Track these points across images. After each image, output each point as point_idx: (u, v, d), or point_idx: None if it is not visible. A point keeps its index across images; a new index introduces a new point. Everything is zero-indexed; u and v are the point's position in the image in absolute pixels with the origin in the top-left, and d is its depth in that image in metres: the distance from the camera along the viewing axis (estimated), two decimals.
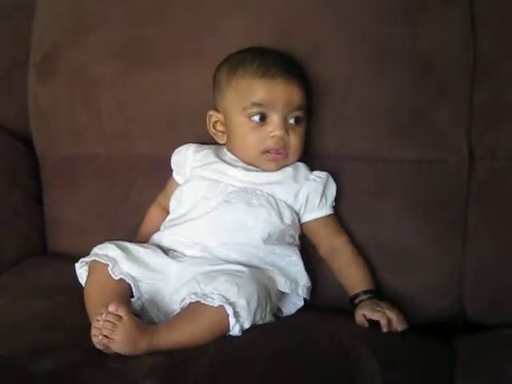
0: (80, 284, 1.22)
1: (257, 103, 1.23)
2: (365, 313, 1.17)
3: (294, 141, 1.25)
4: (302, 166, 1.29)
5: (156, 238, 1.27)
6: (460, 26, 1.29)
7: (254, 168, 1.27)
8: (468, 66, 1.29)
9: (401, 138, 1.31)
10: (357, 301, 1.21)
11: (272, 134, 1.23)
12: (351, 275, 1.25)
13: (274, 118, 1.23)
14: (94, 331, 1.06)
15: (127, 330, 1.05)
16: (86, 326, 1.09)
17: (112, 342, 1.04)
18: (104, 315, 1.05)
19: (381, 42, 1.30)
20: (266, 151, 1.25)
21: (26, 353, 1.06)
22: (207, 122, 1.30)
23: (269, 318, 1.14)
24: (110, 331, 1.04)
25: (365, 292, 1.22)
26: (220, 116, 1.29)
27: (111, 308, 1.05)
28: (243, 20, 1.36)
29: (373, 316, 1.16)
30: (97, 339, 1.05)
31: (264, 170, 1.26)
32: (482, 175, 1.29)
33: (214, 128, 1.30)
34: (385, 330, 1.15)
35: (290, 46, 1.32)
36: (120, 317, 1.05)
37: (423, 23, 1.29)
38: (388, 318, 1.16)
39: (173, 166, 1.35)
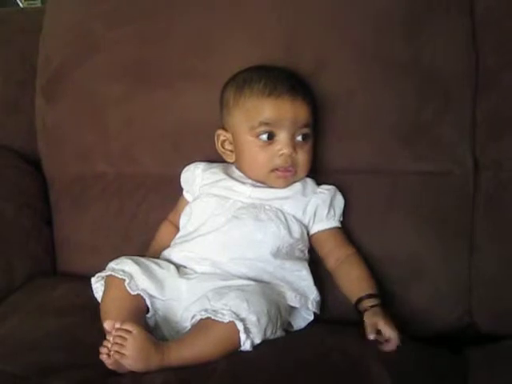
0: (91, 302, 1.22)
1: (264, 122, 1.24)
2: (379, 323, 1.15)
3: (302, 158, 1.26)
4: (309, 181, 1.30)
5: (166, 254, 1.28)
6: (461, 38, 1.30)
7: (263, 184, 1.28)
8: (470, 77, 1.30)
9: (405, 151, 1.32)
10: (364, 305, 1.19)
11: (280, 153, 1.24)
12: (356, 281, 1.24)
13: (282, 136, 1.24)
14: (103, 350, 1.06)
15: (138, 343, 1.05)
16: (98, 344, 1.09)
17: (124, 357, 1.04)
18: (114, 332, 1.05)
19: (384, 55, 1.32)
20: (275, 169, 1.26)
21: (38, 371, 1.07)
22: (216, 141, 1.32)
23: (279, 333, 1.15)
24: (120, 346, 1.04)
25: (370, 295, 1.20)
26: (228, 135, 1.30)
27: (117, 325, 1.05)
28: (247, 38, 1.38)
29: (385, 330, 1.14)
30: (106, 358, 1.05)
31: (273, 187, 1.27)
32: (487, 186, 1.30)
33: (223, 147, 1.31)
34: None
35: (295, 62, 1.34)
36: (129, 331, 1.05)
37: (425, 36, 1.30)
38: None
39: (182, 183, 1.36)
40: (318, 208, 1.27)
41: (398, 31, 1.32)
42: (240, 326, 1.07)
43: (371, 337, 1.14)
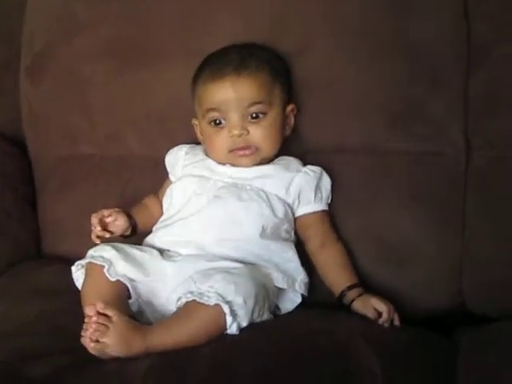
0: (75, 286, 1.21)
1: (211, 108, 1.25)
2: (373, 303, 1.17)
3: (258, 134, 1.24)
4: (293, 160, 1.29)
5: (149, 240, 1.26)
6: (452, 13, 1.27)
7: None
8: (462, 55, 1.27)
9: (396, 130, 1.30)
10: (349, 297, 1.20)
11: (230, 134, 1.24)
12: (336, 270, 1.24)
13: (231, 118, 1.24)
14: (84, 334, 1.04)
15: (119, 330, 1.03)
16: (82, 329, 1.06)
17: (105, 345, 1.03)
18: (95, 318, 1.03)
19: (372, 32, 1.30)
20: (232, 150, 1.25)
21: (21, 357, 1.06)
22: (195, 129, 1.32)
23: (266, 316, 1.13)
24: (101, 334, 1.02)
25: (356, 285, 1.21)
26: (197, 122, 1.30)
27: (99, 306, 1.04)
28: (233, 17, 1.35)
29: (379, 306, 1.17)
30: (88, 343, 1.03)
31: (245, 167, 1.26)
32: (479, 165, 1.28)
33: (201, 134, 1.32)
34: (386, 324, 1.16)
35: (280, 41, 1.32)
36: (110, 318, 1.03)
37: (415, 11, 1.28)
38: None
39: (167, 166, 1.35)
40: (302, 189, 1.26)
41: (386, 6, 1.29)
42: (226, 309, 1.06)
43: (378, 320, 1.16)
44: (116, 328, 1.03)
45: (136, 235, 1.28)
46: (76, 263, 1.21)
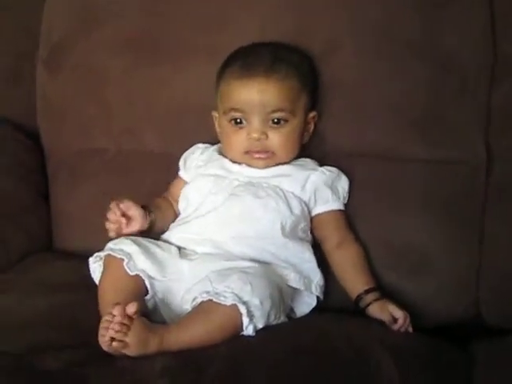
0: (87, 281, 1.19)
1: (233, 108, 1.23)
2: (390, 308, 1.17)
3: (278, 140, 1.23)
4: (309, 161, 1.28)
5: (165, 237, 1.25)
6: (480, 24, 1.27)
7: None
8: (487, 64, 1.27)
9: (417, 137, 1.29)
10: (366, 301, 1.19)
11: (249, 137, 1.23)
12: (353, 272, 1.23)
13: (252, 120, 1.22)
14: (102, 331, 1.03)
15: (139, 332, 1.02)
16: (94, 323, 1.06)
17: (124, 344, 1.01)
18: (119, 318, 1.01)
19: (399, 38, 1.29)
20: (249, 151, 1.24)
21: (34, 350, 1.04)
22: (214, 121, 1.31)
23: (283, 319, 1.12)
24: (123, 334, 1.01)
25: (373, 289, 1.20)
26: (218, 115, 1.29)
27: (129, 309, 1.02)
28: (258, 14, 1.34)
29: (396, 312, 1.16)
30: (105, 342, 1.02)
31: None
32: (499, 175, 1.27)
33: (220, 127, 1.30)
34: (401, 329, 1.16)
35: (306, 41, 1.31)
36: (131, 318, 1.02)
37: (443, 20, 1.27)
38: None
39: (180, 164, 1.34)
40: (317, 187, 1.25)
41: (414, 13, 1.28)
42: (243, 309, 1.04)
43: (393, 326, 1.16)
44: (136, 329, 1.02)
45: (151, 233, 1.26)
46: (94, 255, 1.19)
